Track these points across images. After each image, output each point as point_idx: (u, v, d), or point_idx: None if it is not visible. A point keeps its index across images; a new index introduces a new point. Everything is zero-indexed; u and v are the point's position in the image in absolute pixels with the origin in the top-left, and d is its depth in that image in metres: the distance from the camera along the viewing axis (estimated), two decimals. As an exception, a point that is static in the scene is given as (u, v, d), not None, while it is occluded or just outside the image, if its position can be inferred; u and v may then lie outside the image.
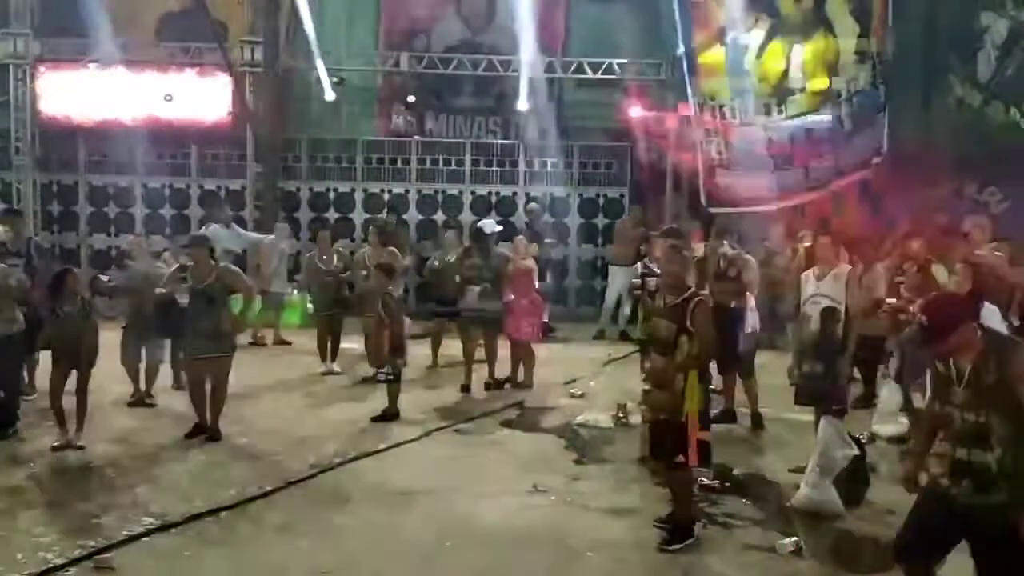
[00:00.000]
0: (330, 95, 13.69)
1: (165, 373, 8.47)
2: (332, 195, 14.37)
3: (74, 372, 6.98)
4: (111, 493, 6.02)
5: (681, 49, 12.88)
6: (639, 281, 7.95)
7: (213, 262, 7.28)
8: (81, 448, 6.85)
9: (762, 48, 12.78)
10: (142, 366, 8.19)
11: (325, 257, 10.05)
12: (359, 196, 14.35)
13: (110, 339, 7.62)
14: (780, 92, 12.75)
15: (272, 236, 11.67)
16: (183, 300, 7.30)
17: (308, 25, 13.14)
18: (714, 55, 12.95)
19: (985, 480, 3.54)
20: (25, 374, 8.02)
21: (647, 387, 5.48)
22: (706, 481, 6.22)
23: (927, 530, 3.84)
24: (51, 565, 4.83)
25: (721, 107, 12.91)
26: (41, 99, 13.41)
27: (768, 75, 12.78)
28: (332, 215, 14.28)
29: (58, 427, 6.96)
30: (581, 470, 6.76)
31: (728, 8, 12.65)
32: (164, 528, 5.38)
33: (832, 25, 12.50)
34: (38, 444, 6.99)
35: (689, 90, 13.04)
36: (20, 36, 13.17)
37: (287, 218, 13.85)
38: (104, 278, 8.75)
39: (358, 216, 14.28)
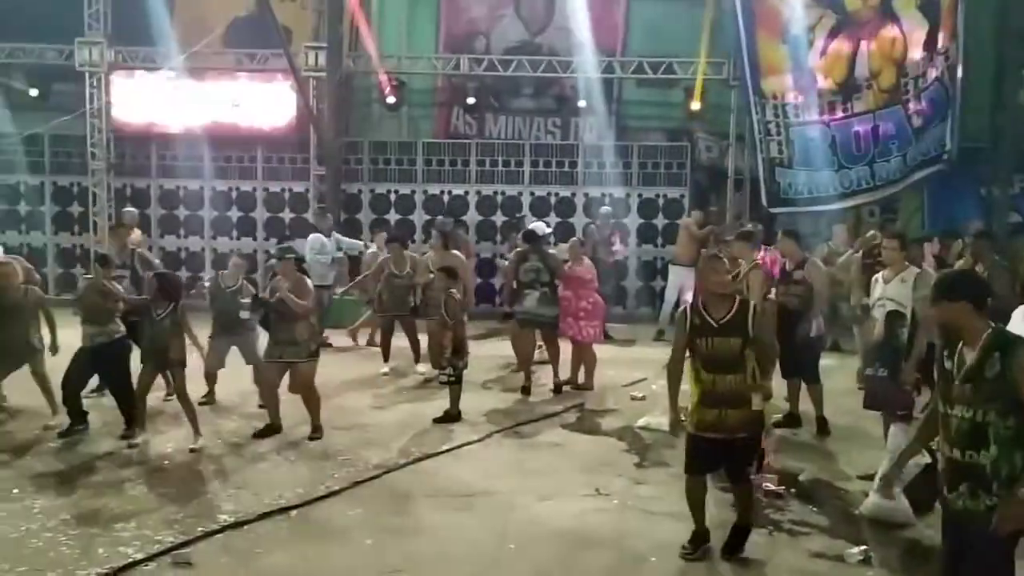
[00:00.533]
0: (390, 99, 13.87)
1: (229, 375, 8.55)
2: (393, 197, 14.55)
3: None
4: (187, 491, 6.21)
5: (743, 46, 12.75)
6: None
7: (300, 273, 7.49)
8: (195, 451, 7.00)
9: (827, 44, 12.58)
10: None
11: (397, 263, 9.97)
12: (419, 198, 14.50)
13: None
14: (845, 89, 12.53)
15: (373, 247, 11.65)
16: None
17: (370, 30, 13.28)
18: (777, 52, 12.79)
19: (980, 483, 3.47)
20: None
21: (709, 408, 4.96)
22: (771, 487, 6.18)
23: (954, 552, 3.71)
24: (131, 560, 5.03)
25: (784, 105, 12.74)
26: (115, 105, 13.83)
27: (833, 72, 12.57)
28: (392, 216, 14.47)
29: (137, 425, 7.21)
30: (643, 474, 6.76)
31: (791, 4, 12.48)
32: (237, 525, 5.55)
33: (899, 20, 12.24)
34: (116, 444, 7.23)
35: (750, 88, 12.91)
36: (95, 45, 13.61)
37: (349, 220, 14.10)
38: (206, 283, 8.92)
39: (418, 217, 14.45)
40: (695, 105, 13.44)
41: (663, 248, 14.18)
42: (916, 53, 12.07)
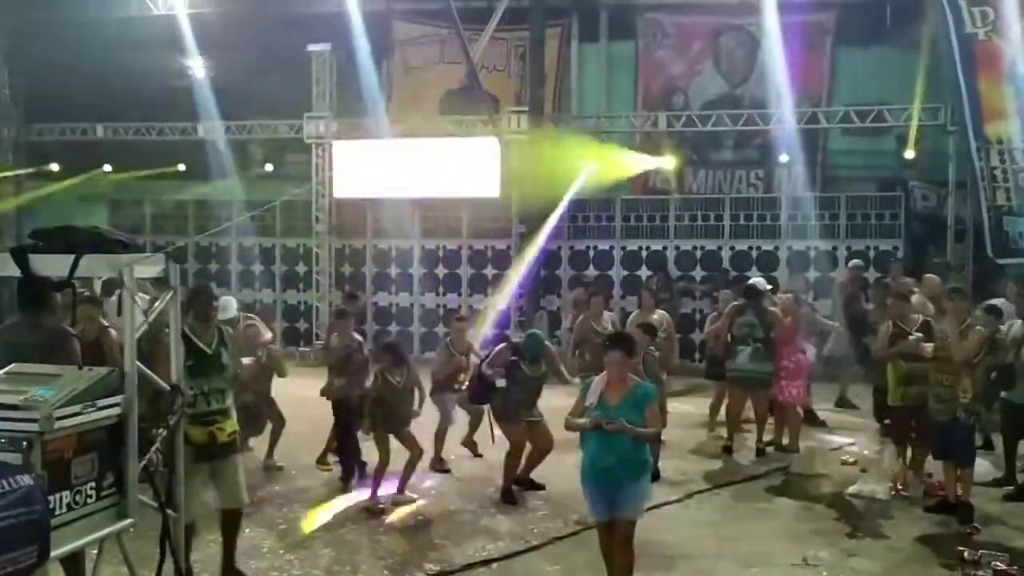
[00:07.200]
0: (590, 163, 14.07)
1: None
2: (591, 253, 14.75)
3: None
4: (395, 542, 6.53)
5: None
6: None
7: None
8: (412, 501, 7.33)
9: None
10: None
11: (597, 321, 9.98)
12: (617, 253, 14.62)
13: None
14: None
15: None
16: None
17: (571, 93, 13.63)
18: (1000, 94, 11.95)
19: None
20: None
21: None
22: (1002, 566, 5.68)
23: None
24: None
25: (1011, 150, 11.85)
26: (337, 173, 14.97)
27: (1066, 113, 11.58)
28: (591, 272, 14.64)
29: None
30: (856, 544, 6.40)
31: (1015, 43, 11.65)
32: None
33: None
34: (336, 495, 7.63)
35: (971, 133, 12.11)
36: (321, 119, 14.88)
37: (549, 276, 14.41)
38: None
39: (616, 273, 14.54)
40: (909, 154, 12.73)
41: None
42: None
